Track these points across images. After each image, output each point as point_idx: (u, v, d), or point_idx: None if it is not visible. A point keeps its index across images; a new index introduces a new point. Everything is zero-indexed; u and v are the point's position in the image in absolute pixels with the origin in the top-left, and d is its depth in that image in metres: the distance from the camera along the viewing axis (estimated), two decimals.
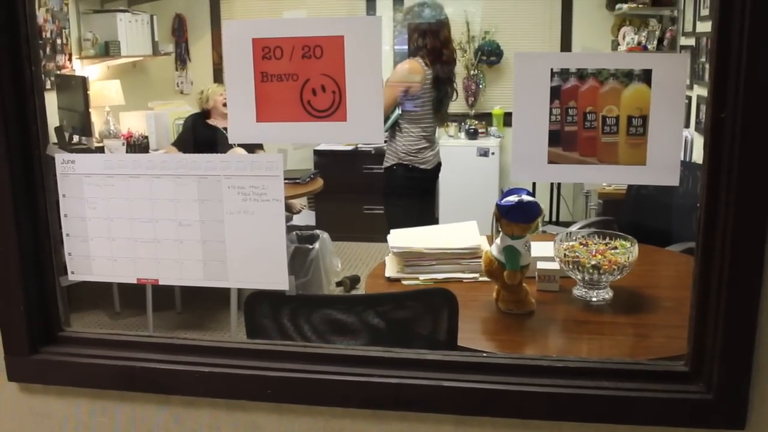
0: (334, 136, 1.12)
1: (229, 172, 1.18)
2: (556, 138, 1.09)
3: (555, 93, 1.08)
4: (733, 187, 1.01)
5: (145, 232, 1.24)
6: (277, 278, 1.21)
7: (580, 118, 1.09)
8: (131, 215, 1.24)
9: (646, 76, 1.06)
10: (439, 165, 3.72)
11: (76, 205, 1.26)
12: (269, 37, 1.11)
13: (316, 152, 5.73)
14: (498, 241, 2.00)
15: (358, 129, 1.11)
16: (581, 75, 1.07)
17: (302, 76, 1.11)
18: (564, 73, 1.07)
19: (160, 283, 1.26)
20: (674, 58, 1.07)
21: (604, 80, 1.07)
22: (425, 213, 3.80)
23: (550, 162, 1.10)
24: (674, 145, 1.08)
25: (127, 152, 4.83)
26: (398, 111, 3.46)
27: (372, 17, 1.39)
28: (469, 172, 5.56)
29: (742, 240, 1.02)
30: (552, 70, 1.07)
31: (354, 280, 4.84)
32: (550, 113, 1.09)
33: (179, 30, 6.18)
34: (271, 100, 1.13)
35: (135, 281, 1.27)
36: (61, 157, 1.25)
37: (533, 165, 1.11)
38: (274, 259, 1.20)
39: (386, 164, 3.60)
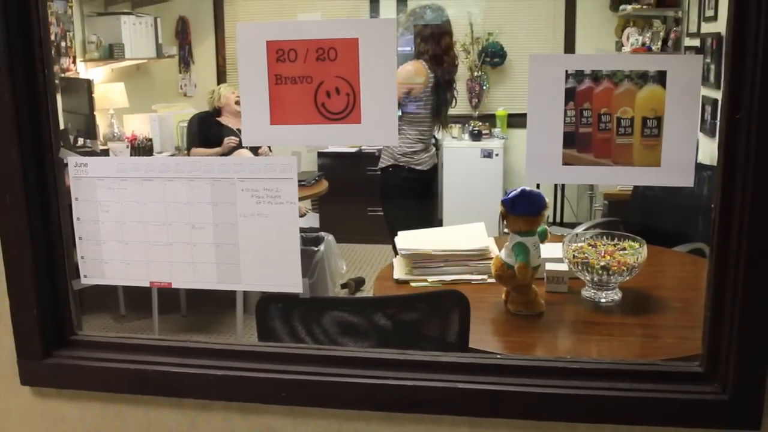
0: (348, 139, 1.12)
1: (242, 174, 1.18)
2: (570, 139, 1.09)
3: (569, 94, 1.08)
4: (748, 187, 1.01)
5: (158, 235, 1.24)
6: (290, 281, 1.21)
7: (595, 120, 1.09)
8: (144, 218, 1.24)
9: (660, 78, 1.06)
10: (435, 166, 3.74)
11: (89, 208, 1.26)
12: (283, 40, 1.11)
13: (320, 154, 5.74)
14: (507, 244, 2.00)
15: (373, 131, 1.11)
16: (596, 76, 1.07)
17: (316, 79, 1.11)
18: (578, 75, 1.07)
19: (173, 286, 1.26)
20: (688, 59, 1.06)
21: (618, 82, 1.07)
22: (424, 214, 3.81)
23: (565, 163, 1.10)
24: (689, 146, 1.08)
25: (131, 155, 4.84)
26: (399, 112, 3.46)
27: (386, 19, 1.39)
28: (473, 174, 5.56)
29: (757, 241, 1.02)
30: (567, 71, 1.07)
31: (359, 282, 4.84)
32: (565, 115, 1.09)
33: (183, 32, 6.19)
34: (285, 102, 1.13)
35: (148, 284, 1.27)
36: (73, 161, 1.25)
37: (548, 166, 1.10)
38: (287, 262, 1.20)
39: (382, 165, 3.62)
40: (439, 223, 5.31)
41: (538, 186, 2.07)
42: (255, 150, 3.68)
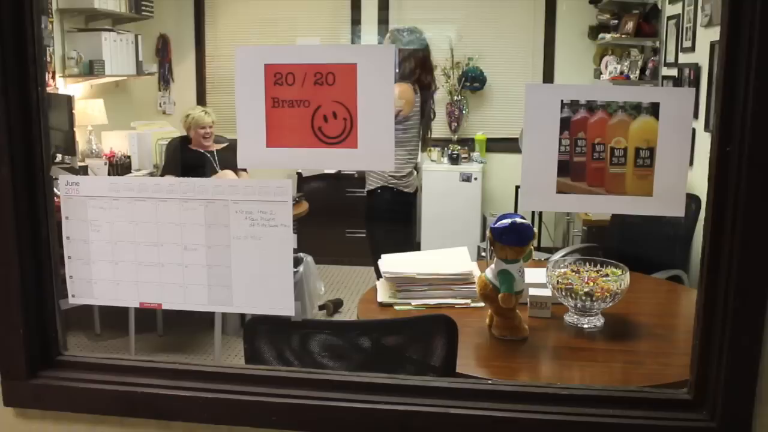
0: (344, 163, 1.13)
1: (236, 196, 1.18)
2: (564, 168, 1.11)
3: (564, 124, 1.09)
4: (738, 218, 1.02)
5: (149, 255, 1.23)
6: (282, 304, 1.21)
7: (589, 149, 1.10)
8: (136, 238, 1.23)
9: (653, 109, 1.08)
10: (417, 189, 3.76)
11: (80, 227, 1.24)
12: (282, 63, 1.11)
13: (300, 175, 5.73)
14: (493, 265, 2.01)
15: (369, 156, 1.12)
16: (590, 107, 1.09)
17: (314, 103, 1.12)
18: (573, 105, 1.09)
19: (164, 307, 1.25)
20: (681, 92, 1.09)
21: (612, 112, 1.09)
22: (406, 236, 3.82)
23: (559, 192, 1.11)
24: (680, 176, 1.10)
25: (109, 172, 4.81)
26: None
27: (386, 46, 1.40)
28: (452, 197, 5.59)
29: (747, 271, 1.03)
30: (562, 101, 1.09)
31: (337, 304, 4.83)
32: (560, 144, 1.10)
33: (163, 50, 6.19)
34: (281, 125, 1.13)
35: (138, 305, 1.26)
36: (65, 179, 1.24)
37: (542, 194, 1.12)
38: (280, 285, 1.20)
39: (369, 187, 3.62)
40: (417, 246, 5.31)
41: (515, 210, 2.09)
42: (237, 172, 3.67)
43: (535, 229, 5.13)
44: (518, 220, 1.96)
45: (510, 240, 1.95)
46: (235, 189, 1.18)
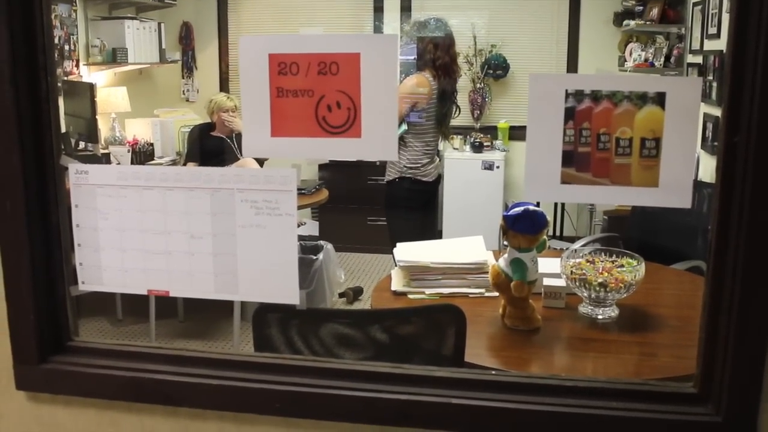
0: (348, 153, 1.13)
1: (242, 185, 1.19)
2: (569, 158, 1.10)
3: (569, 114, 1.08)
4: (745, 210, 1.01)
5: (156, 243, 1.24)
6: (287, 292, 1.21)
7: (594, 140, 1.09)
8: (143, 227, 1.24)
9: (659, 99, 1.06)
10: (439, 177, 3.77)
11: (89, 215, 1.26)
12: (286, 53, 1.11)
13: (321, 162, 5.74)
14: (506, 255, 2.01)
15: (373, 145, 1.12)
16: (595, 96, 1.08)
17: (318, 92, 1.12)
18: (578, 95, 1.08)
19: (171, 294, 1.26)
20: (688, 81, 1.07)
21: (618, 102, 1.07)
22: (427, 225, 3.82)
23: (563, 182, 1.10)
24: (686, 167, 1.09)
25: (132, 159, 4.85)
26: (404, 126, 3.48)
27: (389, 35, 1.40)
28: (474, 185, 5.57)
29: (753, 262, 1.02)
30: (567, 91, 1.07)
31: (357, 292, 4.84)
32: (564, 134, 1.09)
33: (186, 38, 6.22)
34: (286, 115, 1.13)
35: (145, 292, 1.27)
36: (74, 167, 1.25)
37: (546, 185, 1.11)
38: (285, 274, 1.20)
39: (388, 177, 3.64)
40: (439, 235, 5.31)
41: (538, 204, 2.07)
42: (260, 161, 3.69)
43: (558, 219, 5.08)
44: (531, 207, 1.94)
45: (523, 227, 1.94)
46: (241, 178, 1.19)
